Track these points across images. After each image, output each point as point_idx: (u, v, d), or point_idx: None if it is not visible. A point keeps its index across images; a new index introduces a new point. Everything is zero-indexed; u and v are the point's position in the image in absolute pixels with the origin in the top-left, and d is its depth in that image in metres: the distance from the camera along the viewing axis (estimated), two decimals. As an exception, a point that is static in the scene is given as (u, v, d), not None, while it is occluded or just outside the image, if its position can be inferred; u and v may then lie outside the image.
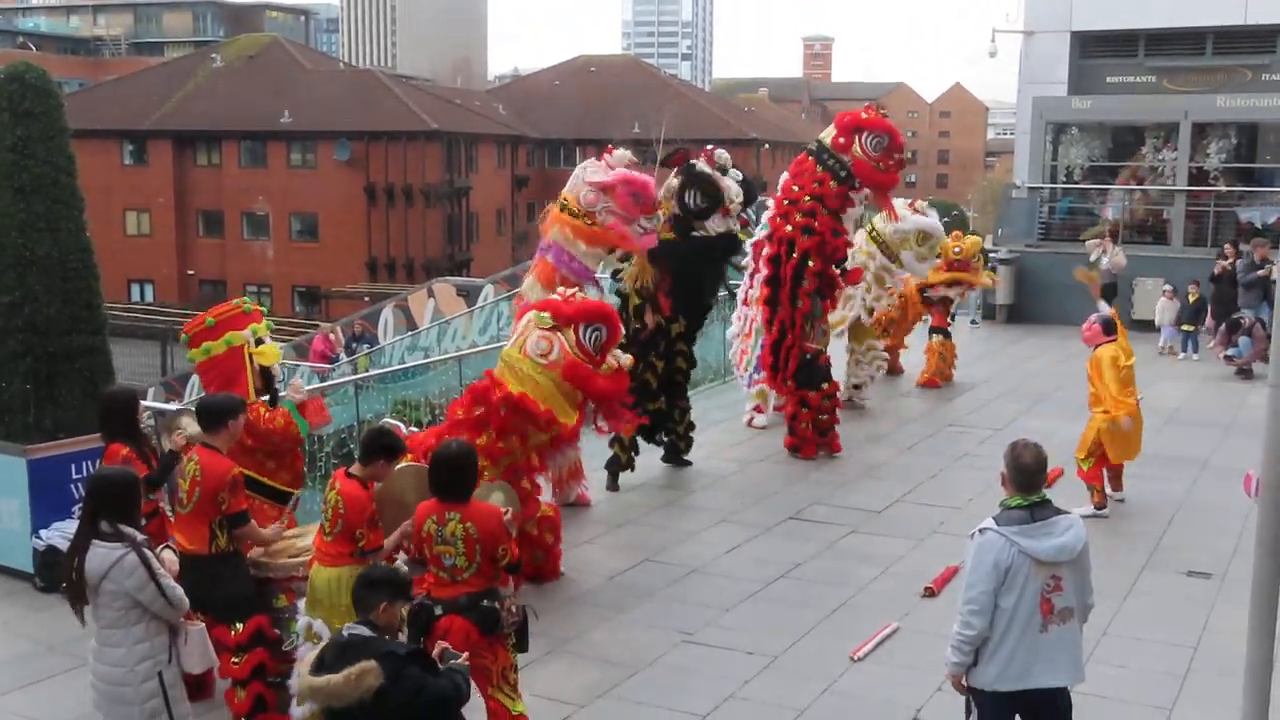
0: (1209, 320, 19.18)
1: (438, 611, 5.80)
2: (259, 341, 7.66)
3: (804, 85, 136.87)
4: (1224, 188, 23.92)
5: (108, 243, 52.36)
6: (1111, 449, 10.46)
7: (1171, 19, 25.32)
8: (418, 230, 52.43)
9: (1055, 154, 25.82)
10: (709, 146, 11.85)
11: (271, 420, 7.33)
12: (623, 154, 10.67)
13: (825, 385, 12.62)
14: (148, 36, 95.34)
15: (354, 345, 25.89)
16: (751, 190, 12.14)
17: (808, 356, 12.56)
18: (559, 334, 8.29)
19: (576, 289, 9.15)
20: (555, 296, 8.81)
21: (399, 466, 6.53)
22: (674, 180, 11.39)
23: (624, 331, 9.42)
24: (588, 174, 10.36)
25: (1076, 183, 25.89)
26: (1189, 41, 25.99)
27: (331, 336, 29.66)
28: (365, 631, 4.74)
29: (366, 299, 44.50)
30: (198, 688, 6.68)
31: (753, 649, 7.86)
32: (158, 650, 5.50)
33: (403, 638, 5.15)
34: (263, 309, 8.16)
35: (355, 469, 6.20)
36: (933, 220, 15.35)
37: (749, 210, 12.67)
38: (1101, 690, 6.96)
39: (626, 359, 8.66)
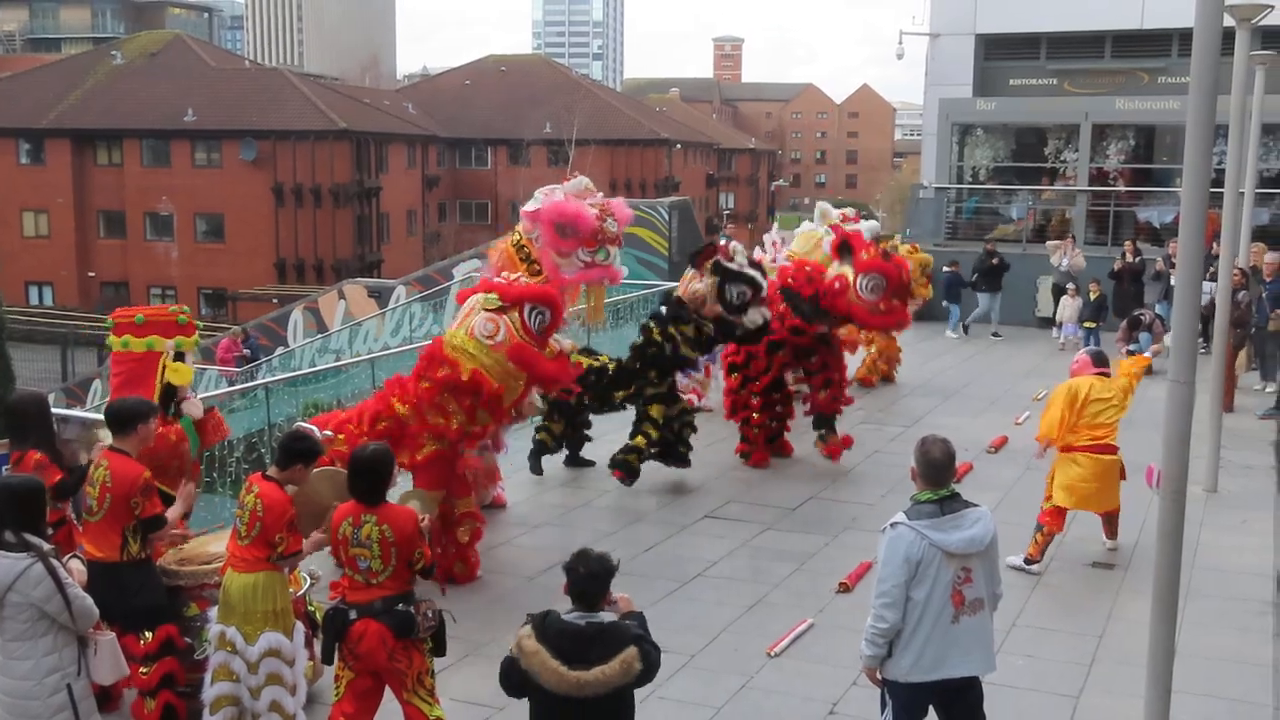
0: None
1: (352, 615, 5.74)
2: (179, 356, 7.48)
3: (714, 86, 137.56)
4: (1123, 187, 24.55)
5: (4, 245, 51.23)
6: (1059, 490, 9.41)
7: (1071, 22, 25.95)
8: (327, 231, 51.74)
9: (961, 155, 26.31)
10: (721, 242, 11.65)
11: (164, 436, 7.13)
12: (579, 181, 10.44)
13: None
14: (44, 32, 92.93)
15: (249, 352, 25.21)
16: (763, 270, 11.98)
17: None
18: (505, 316, 8.33)
19: (519, 275, 9.07)
20: (499, 279, 8.81)
21: (316, 470, 6.45)
22: (704, 282, 11.05)
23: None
24: (529, 204, 10.20)
25: (982, 183, 26.39)
26: (1088, 45, 26.64)
27: (239, 339, 29.18)
28: (602, 617, 4.78)
29: (275, 301, 43.83)
30: (104, 699, 6.53)
31: (670, 647, 7.86)
32: (66, 662, 5.37)
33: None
34: (198, 325, 7.96)
35: (272, 472, 6.11)
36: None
37: None
38: (1011, 680, 7.11)
39: (568, 343, 8.75)
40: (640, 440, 11.37)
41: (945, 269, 21.44)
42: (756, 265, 11.65)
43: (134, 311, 7.60)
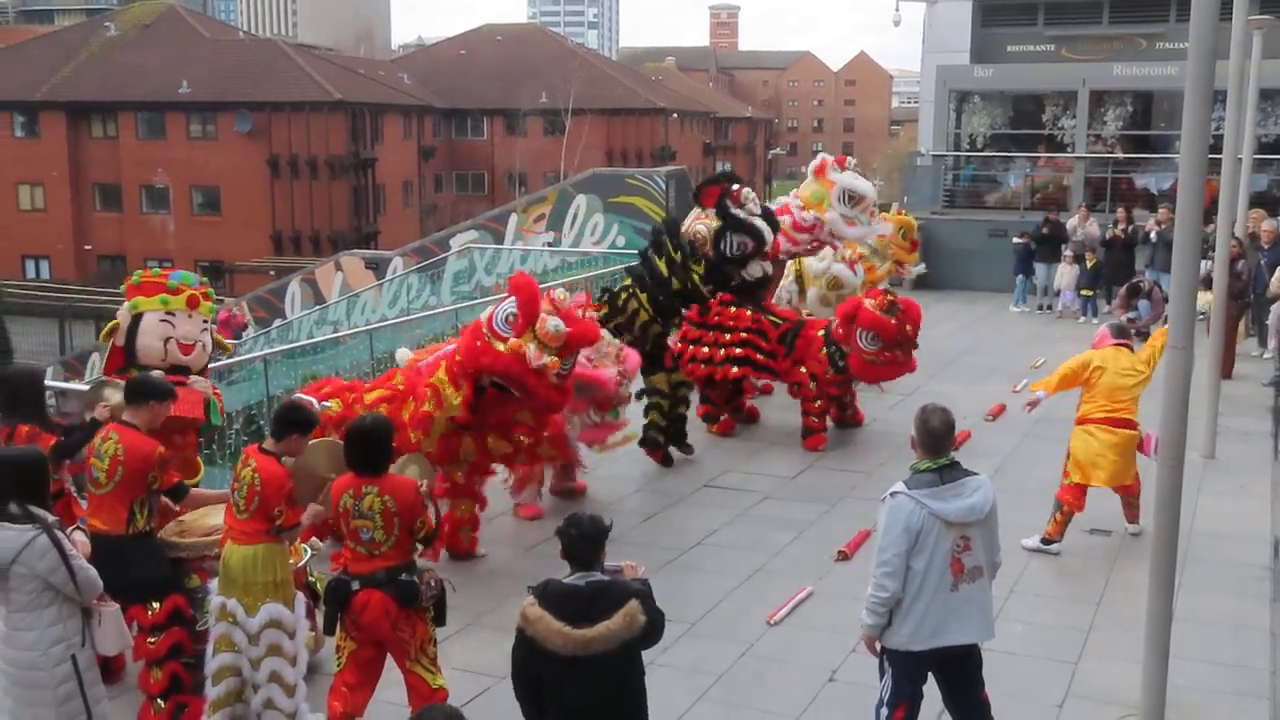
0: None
1: (355, 586, 5.77)
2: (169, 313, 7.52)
3: (711, 54, 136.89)
4: (1122, 155, 24.49)
5: (0, 218, 51.01)
6: (1075, 467, 9.20)
7: (1070, -12, 25.83)
8: (323, 202, 51.57)
9: (959, 122, 26.22)
10: (736, 186, 11.31)
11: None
12: (607, 341, 9.97)
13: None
14: (36, 4, 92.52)
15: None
16: (774, 222, 11.57)
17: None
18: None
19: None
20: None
21: (312, 442, 6.46)
22: (705, 224, 10.75)
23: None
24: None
25: (980, 150, 26.31)
26: (1086, 10, 26.51)
27: (236, 310, 29.20)
28: (599, 577, 4.83)
29: (271, 273, 43.72)
30: (107, 671, 6.56)
31: (671, 615, 7.84)
32: (71, 633, 5.40)
33: None
34: (210, 293, 7.92)
35: (268, 444, 6.12)
36: (863, 186, 14.20)
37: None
38: (1010, 647, 7.15)
39: (548, 360, 8.08)
40: (654, 416, 11.37)
41: (1015, 240, 21.25)
42: (768, 215, 11.33)
43: (129, 278, 7.68)
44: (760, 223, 11.03)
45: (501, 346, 8.07)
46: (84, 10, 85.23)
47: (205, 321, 7.74)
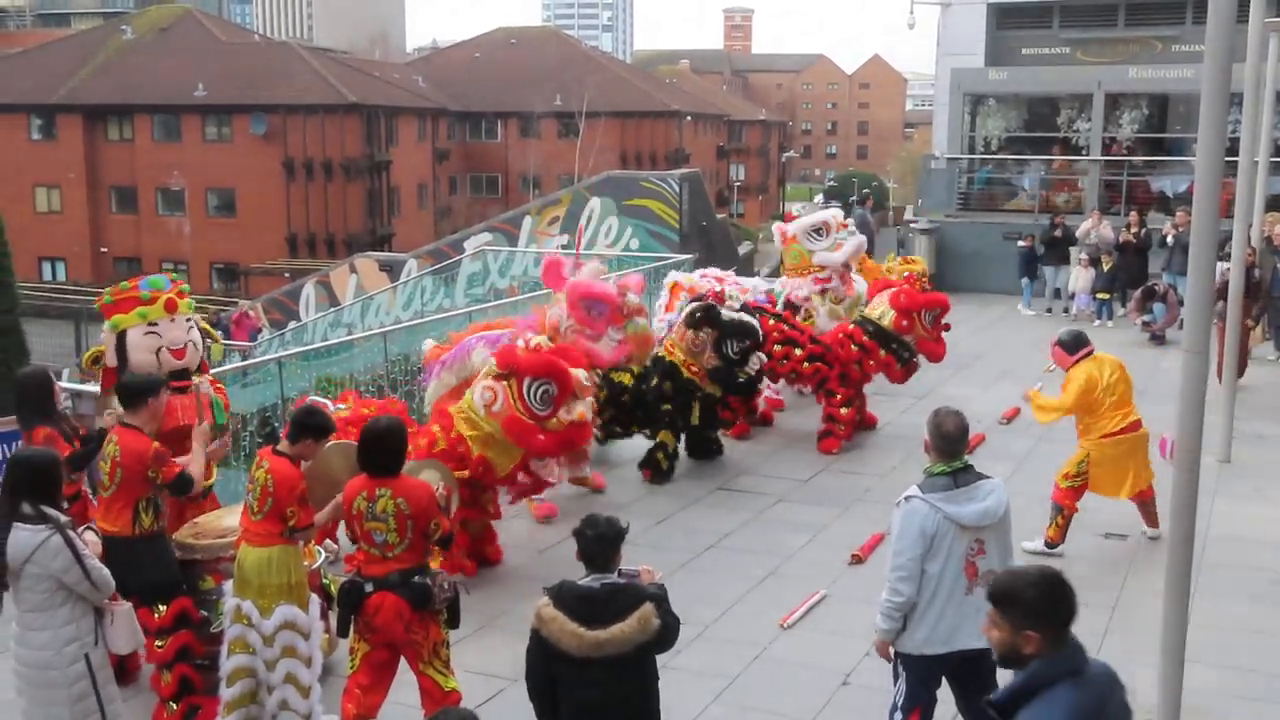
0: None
1: (368, 589, 5.77)
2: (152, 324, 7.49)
3: (725, 57, 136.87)
4: (1138, 158, 24.41)
5: (17, 220, 50.99)
6: (1097, 479, 9.11)
7: (1085, -9, 25.75)
8: (338, 205, 51.70)
9: (973, 125, 26.16)
10: (717, 288, 11.67)
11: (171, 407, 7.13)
12: (594, 266, 10.35)
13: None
14: (54, 8, 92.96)
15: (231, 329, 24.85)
16: (751, 312, 11.81)
17: None
18: (505, 383, 8.17)
19: (543, 338, 8.85)
20: (516, 342, 8.66)
21: (327, 445, 6.47)
22: (701, 334, 10.88)
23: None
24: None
25: (994, 153, 26.25)
26: (1101, 13, 26.42)
27: (251, 313, 29.27)
28: (614, 579, 4.83)
29: (287, 275, 43.87)
30: (122, 672, 6.59)
31: (683, 618, 7.87)
32: (84, 632, 5.42)
33: None
34: (180, 289, 7.86)
35: (283, 447, 6.13)
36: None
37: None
38: (1024, 651, 7.10)
39: (579, 410, 8.34)
40: (664, 435, 11.16)
41: (1019, 244, 21.27)
42: (745, 308, 11.65)
43: (101, 297, 7.64)
44: (747, 316, 11.24)
45: (551, 424, 8.22)
46: (101, 14, 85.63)
47: (188, 320, 7.64)
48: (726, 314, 11.09)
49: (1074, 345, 9.17)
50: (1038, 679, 3.66)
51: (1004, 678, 5.69)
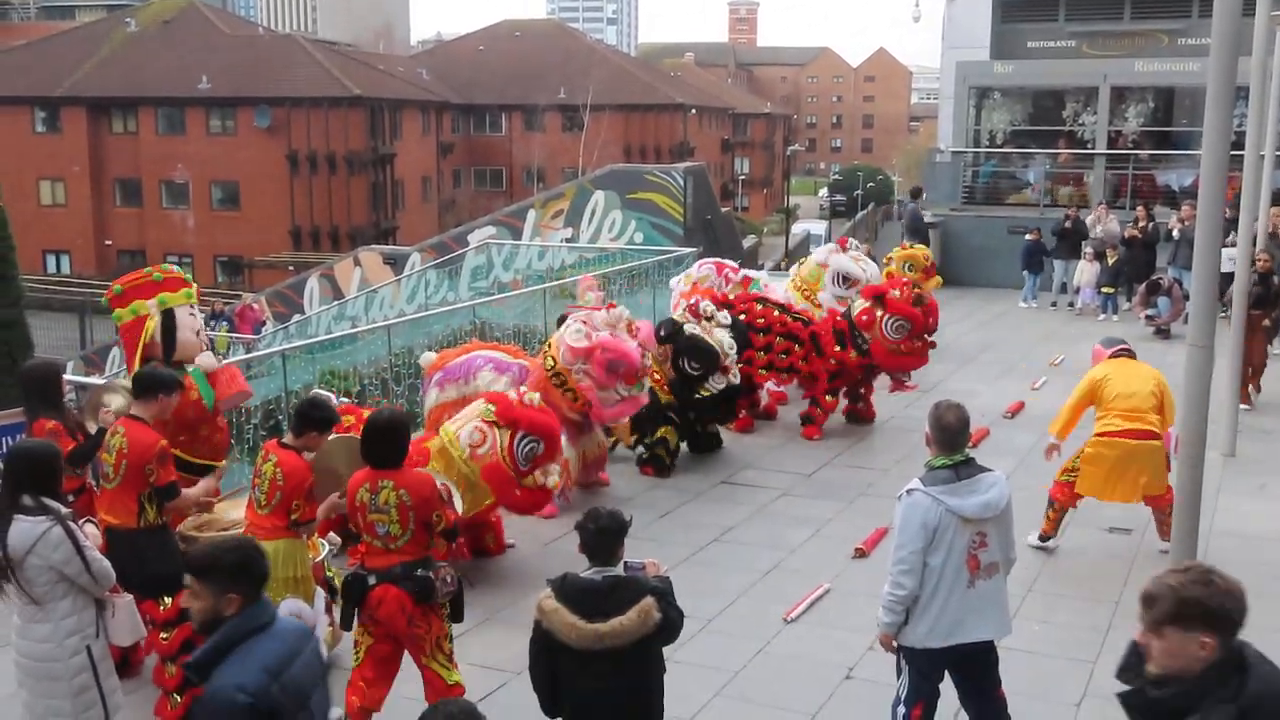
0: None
1: (371, 581, 5.77)
2: (168, 313, 7.55)
3: (729, 50, 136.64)
4: (1144, 152, 24.34)
5: (21, 213, 51.03)
6: (1085, 475, 8.93)
7: (1090, -16, 25.69)
8: (342, 198, 51.70)
9: (978, 118, 26.09)
10: (694, 299, 11.60)
11: (185, 394, 7.15)
12: (617, 313, 10.22)
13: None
14: (57, 0, 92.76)
15: (213, 323, 24.69)
16: (744, 327, 11.86)
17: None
18: (496, 430, 8.18)
19: (535, 395, 8.76)
20: (510, 392, 8.66)
21: (331, 438, 6.48)
22: (665, 348, 10.93)
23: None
24: (569, 335, 9.93)
25: (999, 147, 26.19)
26: (1107, 6, 26.35)
27: (256, 305, 29.33)
28: (617, 572, 4.85)
29: (290, 268, 43.90)
30: (125, 664, 6.60)
31: (687, 612, 7.87)
32: (85, 624, 5.42)
33: None
34: (185, 276, 8.00)
35: (288, 439, 6.13)
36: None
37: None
38: (1027, 645, 7.12)
39: (554, 479, 8.49)
40: (665, 431, 11.13)
41: (1026, 237, 21.24)
42: (733, 323, 11.53)
43: (111, 287, 7.69)
44: (718, 335, 11.11)
45: (527, 481, 8.32)
46: (104, 6, 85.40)
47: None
48: (690, 330, 11.06)
49: (1108, 344, 9.23)
50: (232, 636, 3.81)
51: (1005, 670, 5.71)
